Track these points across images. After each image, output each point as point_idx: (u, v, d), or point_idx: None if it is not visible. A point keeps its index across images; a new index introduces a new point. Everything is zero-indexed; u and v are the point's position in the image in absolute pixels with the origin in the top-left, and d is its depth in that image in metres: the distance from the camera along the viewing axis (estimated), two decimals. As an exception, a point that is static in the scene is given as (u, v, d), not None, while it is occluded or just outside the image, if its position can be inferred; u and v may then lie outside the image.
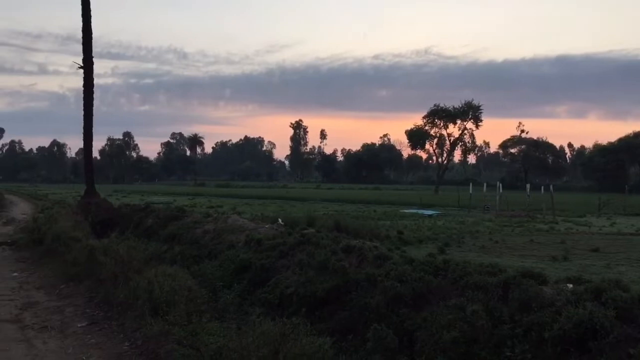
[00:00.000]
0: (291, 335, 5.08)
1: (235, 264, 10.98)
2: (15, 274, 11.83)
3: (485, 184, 45.74)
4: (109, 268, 8.70)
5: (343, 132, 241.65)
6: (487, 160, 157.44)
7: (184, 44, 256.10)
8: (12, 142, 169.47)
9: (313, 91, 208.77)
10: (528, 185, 41.56)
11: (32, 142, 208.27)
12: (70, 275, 10.33)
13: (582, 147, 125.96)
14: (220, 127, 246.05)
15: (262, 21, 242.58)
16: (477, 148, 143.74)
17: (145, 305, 6.88)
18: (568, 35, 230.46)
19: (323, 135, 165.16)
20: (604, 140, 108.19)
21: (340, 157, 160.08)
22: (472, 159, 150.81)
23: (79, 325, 7.58)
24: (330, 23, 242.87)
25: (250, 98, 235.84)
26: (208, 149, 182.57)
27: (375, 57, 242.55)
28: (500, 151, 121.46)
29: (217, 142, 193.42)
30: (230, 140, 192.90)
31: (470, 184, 44.37)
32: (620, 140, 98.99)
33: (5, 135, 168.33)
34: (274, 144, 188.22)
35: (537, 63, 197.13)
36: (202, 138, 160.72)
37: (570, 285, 9.05)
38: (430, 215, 31.68)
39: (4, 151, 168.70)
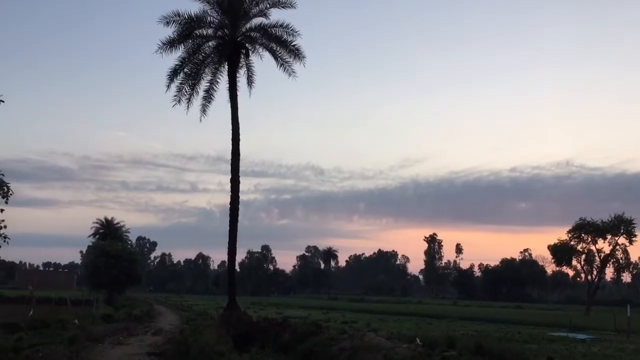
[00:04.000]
0: None
1: (374, 386, 10.59)
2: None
3: (645, 306, 41.22)
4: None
5: (480, 246, 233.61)
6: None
7: (320, 161, 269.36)
8: (163, 254, 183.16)
9: (448, 205, 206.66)
10: (698, 309, 36.73)
11: (180, 254, 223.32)
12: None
13: None
14: (354, 240, 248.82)
15: (395, 137, 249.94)
16: (632, 265, 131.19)
17: None
18: None
19: (459, 250, 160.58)
20: None
21: (477, 273, 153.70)
22: (626, 277, 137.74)
23: None
24: (464, 137, 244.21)
25: (384, 212, 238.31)
26: (342, 262, 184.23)
27: (513, 169, 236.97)
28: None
29: (351, 256, 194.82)
30: (363, 254, 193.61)
31: (628, 306, 40.15)
32: None
33: (157, 248, 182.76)
34: (408, 258, 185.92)
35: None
36: (336, 251, 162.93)
37: None
38: (583, 340, 28.83)
39: (155, 263, 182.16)
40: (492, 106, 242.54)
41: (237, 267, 42.64)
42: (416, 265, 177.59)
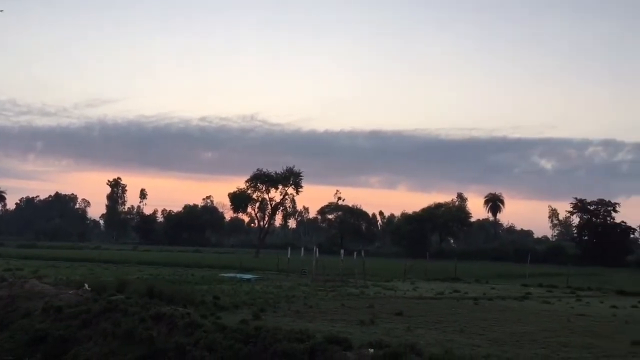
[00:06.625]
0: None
1: (30, 334, 10.01)
2: None
3: (303, 249, 47.08)
4: None
5: (165, 192, 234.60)
6: (307, 225, 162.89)
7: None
8: None
9: (135, 149, 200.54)
10: (342, 251, 43.45)
11: None
12: None
13: (392, 215, 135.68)
14: (29, 182, 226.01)
15: (83, 73, 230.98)
16: (297, 213, 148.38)
17: None
18: (381, 113, 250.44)
19: (143, 195, 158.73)
20: (410, 210, 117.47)
21: (160, 218, 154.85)
22: (292, 223, 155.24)
23: None
24: (157, 81, 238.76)
25: (65, 152, 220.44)
26: (11, 205, 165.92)
27: (202, 119, 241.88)
28: (319, 217, 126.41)
29: (22, 198, 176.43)
30: (38, 197, 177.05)
31: (289, 248, 45.37)
32: (423, 210, 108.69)
33: None
34: (89, 202, 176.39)
35: (353, 135, 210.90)
36: (4, 193, 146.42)
37: (372, 350, 9.62)
38: (248, 280, 31.67)
39: None
40: (187, 52, 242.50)
41: None
42: (97, 210, 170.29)
